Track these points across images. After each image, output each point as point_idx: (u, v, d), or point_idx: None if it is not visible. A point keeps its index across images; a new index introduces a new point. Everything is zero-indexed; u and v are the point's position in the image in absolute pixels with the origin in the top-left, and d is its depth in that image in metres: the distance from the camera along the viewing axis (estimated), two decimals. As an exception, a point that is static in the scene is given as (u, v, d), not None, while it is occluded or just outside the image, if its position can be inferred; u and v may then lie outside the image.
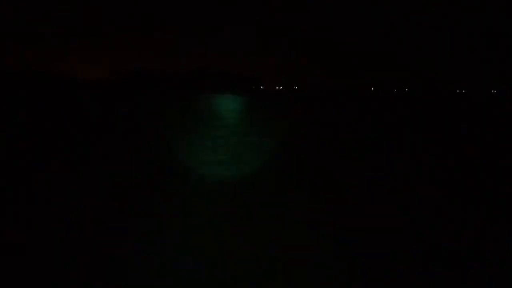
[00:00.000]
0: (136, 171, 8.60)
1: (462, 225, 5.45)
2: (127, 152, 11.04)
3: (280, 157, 10.62)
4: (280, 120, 22.62)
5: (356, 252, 4.52)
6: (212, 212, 5.94)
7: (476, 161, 10.51)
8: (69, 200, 6.35)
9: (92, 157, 10.28)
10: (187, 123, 20.39)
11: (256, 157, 10.52)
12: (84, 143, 12.58)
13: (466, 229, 5.28)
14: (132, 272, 4.01)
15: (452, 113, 32.15)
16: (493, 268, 4.16)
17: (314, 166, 9.54)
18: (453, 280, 3.93)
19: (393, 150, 12.54)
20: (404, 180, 8.24)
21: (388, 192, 7.21)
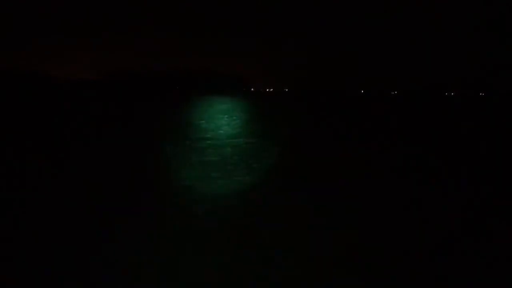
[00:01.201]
0: (119, 175, 8.08)
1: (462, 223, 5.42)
2: (111, 154, 10.54)
3: (275, 159, 10.22)
4: (273, 121, 22.44)
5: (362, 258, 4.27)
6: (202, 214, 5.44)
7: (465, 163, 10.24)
8: (50, 204, 5.99)
9: (76, 159, 9.75)
10: (176, 125, 20.14)
11: (247, 159, 10.10)
12: (69, 143, 12.10)
13: (466, 228, 5.27)
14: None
15: (437, 114, 32.40)
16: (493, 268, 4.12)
17: (312, 167, 9.17)
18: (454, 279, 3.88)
19: (383, 150, 12.26)
20: (391, 179, 7.91)
21: (382, 192, 6.96)
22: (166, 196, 6.59)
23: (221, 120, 22.56)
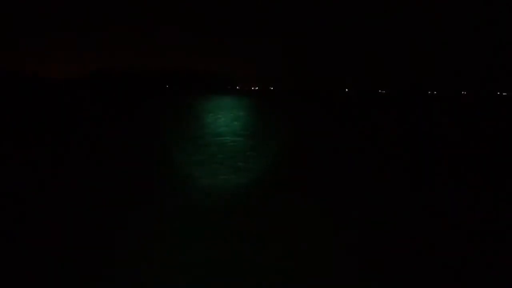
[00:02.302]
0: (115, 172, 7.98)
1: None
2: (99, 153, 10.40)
3: (260, 157, 10.23)
4: (262, 121, 22.42)
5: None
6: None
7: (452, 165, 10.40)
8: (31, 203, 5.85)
9: (64, 158, 9.59)
10: (162, 124, 19.97)
11: (235, 158, 10.10)
12: (55, 142, 11.87)
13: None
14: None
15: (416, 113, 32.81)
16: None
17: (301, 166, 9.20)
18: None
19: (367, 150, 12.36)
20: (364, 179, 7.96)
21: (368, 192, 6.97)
22: (155, 194, 6.59)
23: (207, 118, 22.48)
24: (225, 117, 23.38)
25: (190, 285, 3.68)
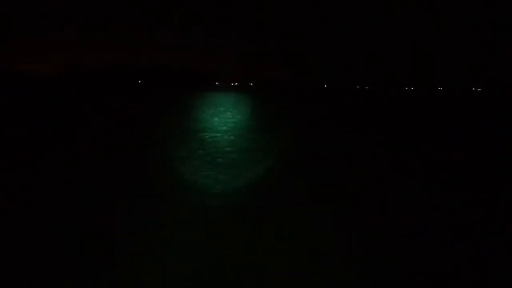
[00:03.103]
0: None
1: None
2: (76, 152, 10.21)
3: (238, 153, 10.27)
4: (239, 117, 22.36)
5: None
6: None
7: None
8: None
9: (29, 157, 9.38)
10: (142, 120, 19.74)
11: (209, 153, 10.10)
12: (23, 140, 11.59)
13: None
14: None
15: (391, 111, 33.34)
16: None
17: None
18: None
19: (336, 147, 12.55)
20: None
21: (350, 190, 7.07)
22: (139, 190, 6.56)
23: (187, 114, 22.32)
24: (204, 113, 23.26)
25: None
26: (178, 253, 4.23)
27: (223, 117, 21.25)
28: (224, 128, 15.95)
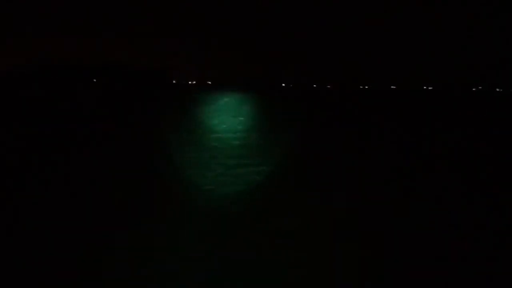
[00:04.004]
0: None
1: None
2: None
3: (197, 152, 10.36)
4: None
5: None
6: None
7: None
8: None
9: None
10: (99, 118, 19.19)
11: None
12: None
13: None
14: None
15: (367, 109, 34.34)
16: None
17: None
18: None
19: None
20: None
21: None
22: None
23: (143, 114, 21.93)
24: (159, 112, 22.91)
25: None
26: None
27: (180, 115, 20.98)
28: (182, 126, 15.90)
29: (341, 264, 4.10)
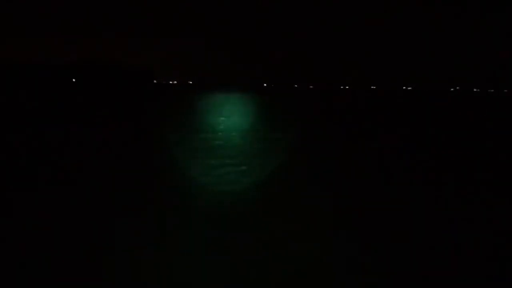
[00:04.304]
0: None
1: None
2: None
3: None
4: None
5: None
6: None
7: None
8: None
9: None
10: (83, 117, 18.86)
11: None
12: None
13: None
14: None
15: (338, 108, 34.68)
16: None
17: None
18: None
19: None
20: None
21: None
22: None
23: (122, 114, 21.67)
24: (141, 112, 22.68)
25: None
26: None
27: (164, 115, 20.77)
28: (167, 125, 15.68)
29: (331, 262, 4.10)
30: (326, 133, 15.56)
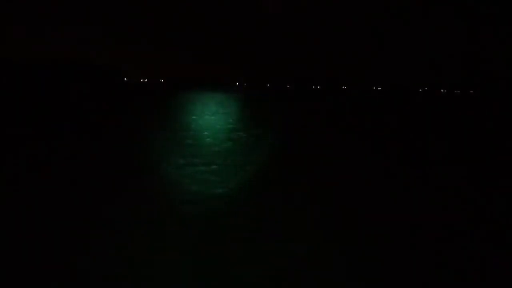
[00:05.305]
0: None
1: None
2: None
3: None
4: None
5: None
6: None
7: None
8: None
9: None
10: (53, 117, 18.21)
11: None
12: None
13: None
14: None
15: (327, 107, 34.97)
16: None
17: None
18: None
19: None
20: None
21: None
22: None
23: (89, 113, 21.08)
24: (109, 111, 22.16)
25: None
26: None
27: (132, 114, 20.37)
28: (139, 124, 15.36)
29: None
30: (301, 132, 15.57)
